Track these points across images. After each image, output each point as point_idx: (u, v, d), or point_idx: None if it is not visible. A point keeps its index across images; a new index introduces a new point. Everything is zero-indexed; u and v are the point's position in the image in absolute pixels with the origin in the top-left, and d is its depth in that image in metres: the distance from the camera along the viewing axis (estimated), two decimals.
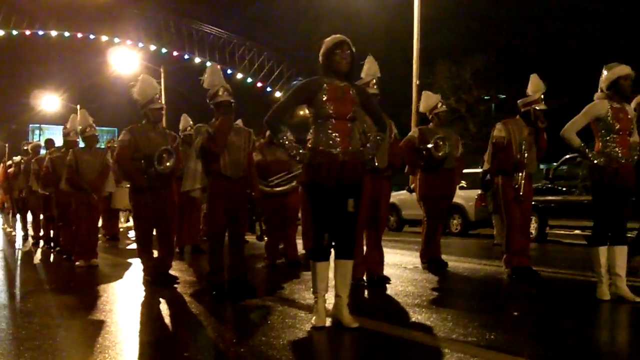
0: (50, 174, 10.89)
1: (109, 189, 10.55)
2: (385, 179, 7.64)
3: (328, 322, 5.17)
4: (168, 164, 7.63)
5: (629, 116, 6.41)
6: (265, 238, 9.58)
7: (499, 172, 8.11)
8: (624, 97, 6.42)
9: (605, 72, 6.42)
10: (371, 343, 4.84)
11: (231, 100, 6.94)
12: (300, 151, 5.19)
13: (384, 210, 7.79)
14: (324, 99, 5.13)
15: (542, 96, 8.01)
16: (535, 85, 8.09)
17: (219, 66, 7.83)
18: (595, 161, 6.31)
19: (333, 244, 5.24)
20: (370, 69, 7.63)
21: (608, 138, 6.33)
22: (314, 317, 5.19)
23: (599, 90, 6.46)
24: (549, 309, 6.35)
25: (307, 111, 5.35)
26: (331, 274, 5.26)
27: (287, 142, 5.21)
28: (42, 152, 13.67)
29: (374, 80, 7.57)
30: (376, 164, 7.26)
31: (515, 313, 6.11)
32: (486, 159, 8.34)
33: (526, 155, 7.94)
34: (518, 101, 8.19)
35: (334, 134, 5.13)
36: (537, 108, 7.95)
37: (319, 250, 5.21)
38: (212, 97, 6.94)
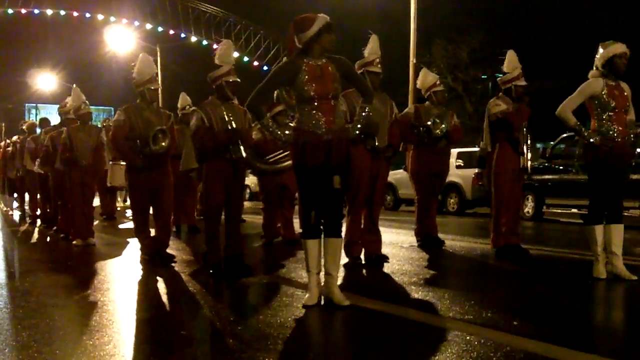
0: (51, 153, 10.78)
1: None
2: (384, 159, 7.63)
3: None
4: (163, 143, 7.61)
5: (625, 93, 6.39)
6: (261, 216, 9.60)
7: (505, 139, 7.98)
8: (618, 75, 6.39)
9: (600, 50, 6.40)
10: (369, 321, 4.85)
11: (238, 80, 6.96)
12: (285, 132, 5.20)
13: (380, 190, 7.77)
14: (305, 79, 5.10)
15: (521, 72, 8.05)
16: (511, 62, 8.12)
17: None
18: (591, 140, 6.30)
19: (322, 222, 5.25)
20: (373, 47, 7.62)
21: (604, 116, 6.31)
22: (306, 295, 5.22)
23: (594, 68, 6.45)
24: (546, 287, 6.36)
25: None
26: None
27: (270, 124, 5.25)
28: (38, 131, 13.62)
29: (378, 60, 7.54)
30: (376, 143, 7.26)
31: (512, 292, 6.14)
32: (484, 138, 8.25)
33: (525, 130, 7.97)
34: (497, 79, 8.21)
35: (317, 114, 5.12)
36: (518, 84, 8.01)
37: (308, 228, 5.27)
38: (224, 75, 6.92)
